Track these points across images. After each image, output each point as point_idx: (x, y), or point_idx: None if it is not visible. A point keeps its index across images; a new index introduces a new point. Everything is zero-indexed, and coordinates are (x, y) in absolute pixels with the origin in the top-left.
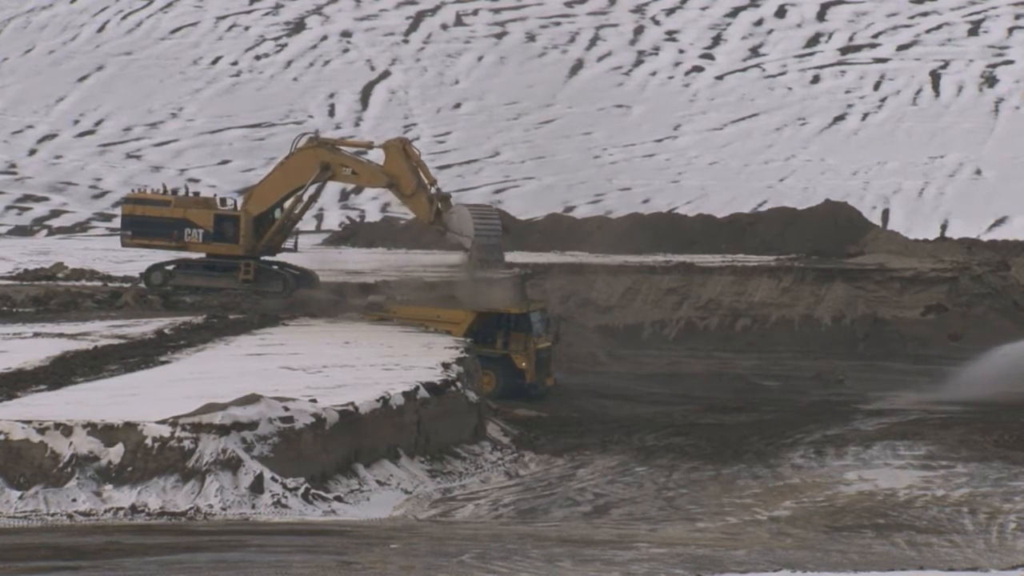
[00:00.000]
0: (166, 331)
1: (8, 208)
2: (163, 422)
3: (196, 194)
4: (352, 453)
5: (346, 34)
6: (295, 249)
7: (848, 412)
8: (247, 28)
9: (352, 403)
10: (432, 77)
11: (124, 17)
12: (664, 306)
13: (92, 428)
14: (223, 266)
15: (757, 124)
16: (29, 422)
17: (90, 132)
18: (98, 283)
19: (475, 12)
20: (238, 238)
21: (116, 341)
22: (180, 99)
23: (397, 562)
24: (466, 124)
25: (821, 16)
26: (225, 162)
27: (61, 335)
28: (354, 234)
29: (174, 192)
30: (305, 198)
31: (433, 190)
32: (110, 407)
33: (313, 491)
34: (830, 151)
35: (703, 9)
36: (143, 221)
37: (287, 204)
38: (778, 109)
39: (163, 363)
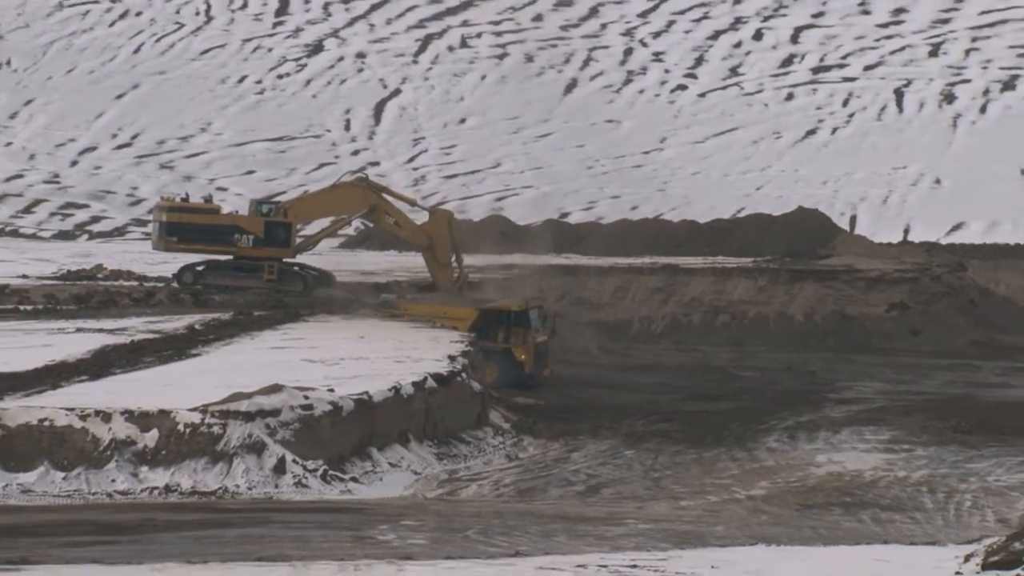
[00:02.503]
0: (197, 327)
1: (52, 214)
2: (194, 409)
3: (207, 199)
4: (366, 438)
5: (361, 55)
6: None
7: (819, 400)
8: (270, 50)
9: (366, 392)
10: (439, 94)
11: (158, 40)
12: (651, 304)
13: (129, 415)
14: (249, 267)
15: (736, 138)
16: (72, 409)
17: (127, 145)
18: (134, 283)
19: (479, 35)
20: (289, 243)
21: (151, 336)
22: (209, 115)
23: (407, 537)
24: (470, 137)
25: (795, 39)
26: (250, 172)
27: (101, 330)
28: (368, 238)
29: (184, 199)
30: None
31: (461, 271)
32: (146, 396)
33: (331, 472)
34: (802, 162)
35: (687, 33)
36: (190, 228)
37: (329, 224)
38: (755, 124)
39: (194, 356)
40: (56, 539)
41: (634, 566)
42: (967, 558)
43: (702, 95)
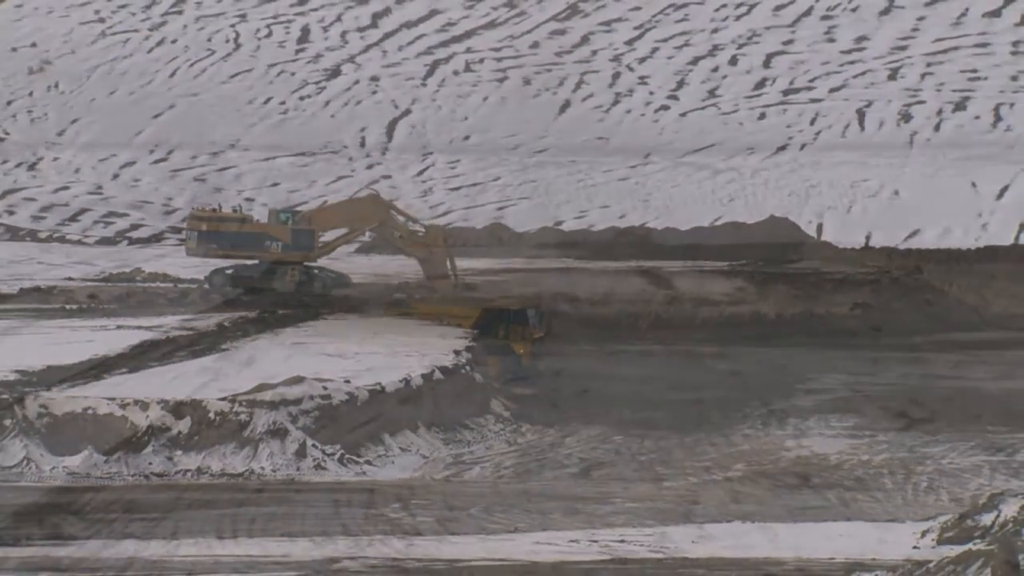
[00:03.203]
0: (226, 324)
1: (95, 222)
2: (223, 399)
3: (237, 209)
4: (379, 424)
5: (375, 79)
6: None
7: (789, 390)
8: (293, 74)
9: (379, 383)
10: (446, 114)
11: (191, 64)
12: (637, 302)
13: (165, 404)
14: (273, 270)
15: (714, 153)
16: (113, 399)
17: (163, 159)
18: (169, 284)
19: (481, 61)
20: (313, 247)
21: (184, 332)
22: (238, 132)
23: (417, 515)
24: (473, 153)
25: (767, 64)
26: (275, 184)
27: (139, 327)
28: (382, 243)
29: (214, 210)
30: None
31: (456, 277)
32: (180, 386)
33: (347, 456)
34: (774, 175)
35: (669, 58)
36: (225, 236)
37: (345, 232)
38: (731, 141)
39: (223, 350)
40: (100, 516)
41: (622, 541)
42: (923, 534)
43: (683, 115)
